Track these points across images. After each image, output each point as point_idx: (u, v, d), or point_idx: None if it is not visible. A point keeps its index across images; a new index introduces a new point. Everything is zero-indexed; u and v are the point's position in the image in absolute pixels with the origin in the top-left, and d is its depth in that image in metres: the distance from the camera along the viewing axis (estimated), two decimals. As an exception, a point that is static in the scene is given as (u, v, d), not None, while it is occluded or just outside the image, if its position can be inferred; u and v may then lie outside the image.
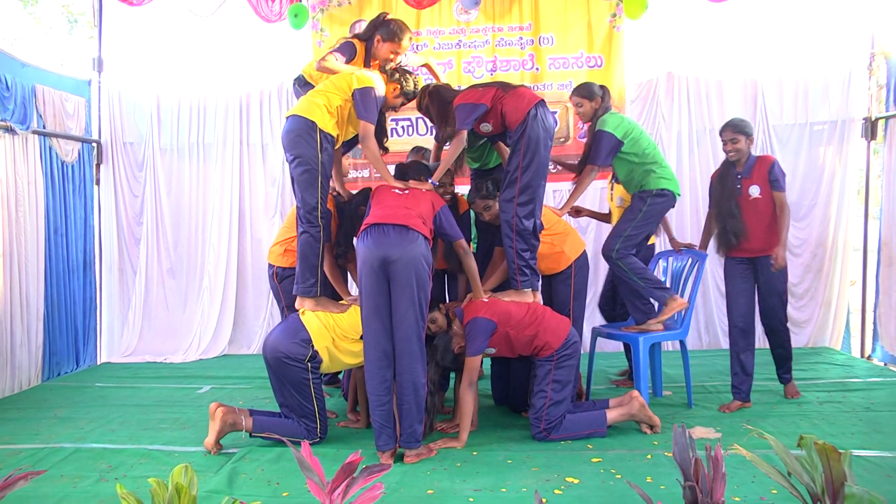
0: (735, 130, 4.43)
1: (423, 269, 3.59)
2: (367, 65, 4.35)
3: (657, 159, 4.46)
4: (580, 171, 4.63)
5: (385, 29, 4.26)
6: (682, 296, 4.60)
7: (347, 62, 4.20)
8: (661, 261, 5.04)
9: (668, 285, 4.60)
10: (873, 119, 6.07)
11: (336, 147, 4.04)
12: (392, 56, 4.30)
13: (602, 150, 4.39)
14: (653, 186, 4.41)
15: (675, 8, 6.27)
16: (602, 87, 4.61)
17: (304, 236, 3.91)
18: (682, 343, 4.69)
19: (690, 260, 4.76)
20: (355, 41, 4.33)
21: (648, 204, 4.41)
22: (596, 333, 4.85)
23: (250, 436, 3.83)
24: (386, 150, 4.38)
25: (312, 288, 3.92)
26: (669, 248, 5.07)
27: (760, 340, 6.44)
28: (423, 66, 4.84)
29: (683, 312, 4.56)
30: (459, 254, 3.98)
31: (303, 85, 4.56)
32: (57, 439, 4.09)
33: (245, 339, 6.60)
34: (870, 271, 6.10)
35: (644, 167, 4.42)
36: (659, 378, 4.85)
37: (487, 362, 4.64)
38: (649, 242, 5.10)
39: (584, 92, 4.55)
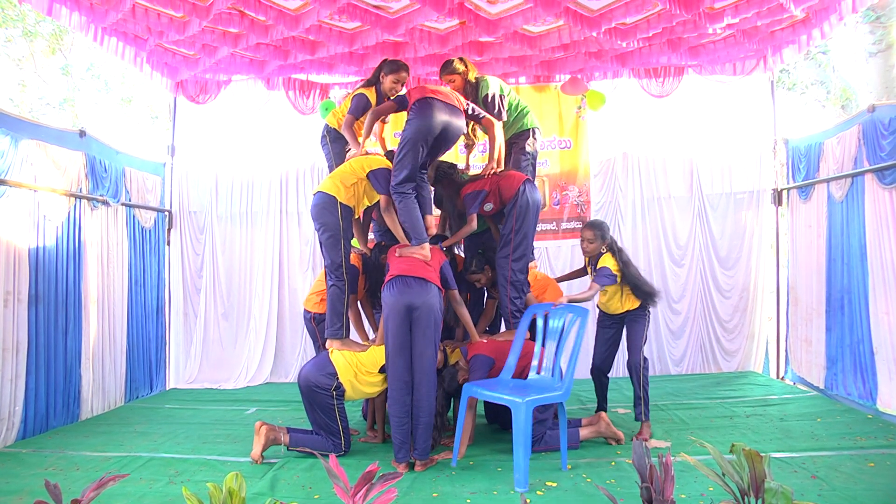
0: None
1: (439, 314, 3.59)
2: (379, 101, 4.34)
3: None
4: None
5: (387, 66, 4.37)
6: (563, 349, 3.69)
7: (364, 110, 4.27)
8: (535, 314, 3.86)
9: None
10: (779, 190, 6.22)
11: (355, 217, 4.03)
12: (396, 85, 4.35)
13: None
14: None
15: (628, 102, 6.38)
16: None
17: (332, 288, 3.88)
18: (562, 406, 3.59)
19: (571, 316, 3.69)
20: (363, 90, 4.36)
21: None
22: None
23: (288, 449, 3.81)
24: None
25: (339, 331, 3.89)
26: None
27: (692, 366, 6.38)
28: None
29: (563, 372, 3.65)
30: (452, 302, 3.93)
31: (329, 131, 4.55)
32: (136, 449, 4.08)
33: (284, 370, 6.53)
34: (782, 309, 6.14)
35: None
36: (564, 449, 3.61)
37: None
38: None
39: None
